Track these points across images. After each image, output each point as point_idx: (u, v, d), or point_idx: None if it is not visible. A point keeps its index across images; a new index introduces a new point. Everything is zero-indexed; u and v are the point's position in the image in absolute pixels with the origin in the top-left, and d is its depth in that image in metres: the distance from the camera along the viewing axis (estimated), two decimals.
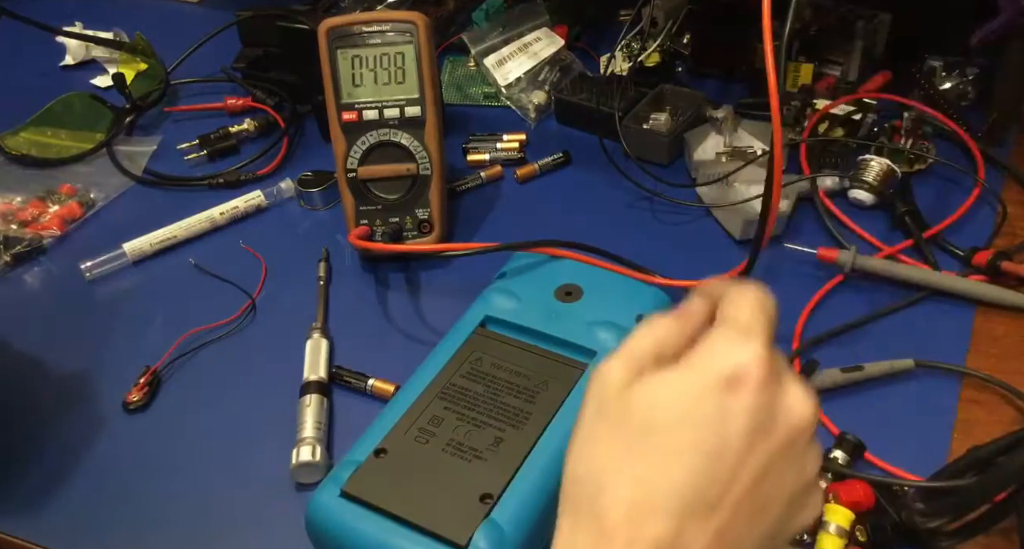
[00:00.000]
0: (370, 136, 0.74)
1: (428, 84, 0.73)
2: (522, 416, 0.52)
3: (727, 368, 0.34)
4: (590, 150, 0.84)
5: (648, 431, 0.34)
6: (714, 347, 0.36)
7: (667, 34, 0.87)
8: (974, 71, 0.84)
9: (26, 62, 1.07)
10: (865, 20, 0.87)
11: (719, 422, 0.34)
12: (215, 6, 1.13)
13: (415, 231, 0.75)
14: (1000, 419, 0.60)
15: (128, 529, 0.58)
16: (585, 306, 0.59)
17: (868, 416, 0.60)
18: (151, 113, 0.96)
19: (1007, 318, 0.66)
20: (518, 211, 0.80)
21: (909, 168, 0.78)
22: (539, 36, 0.92)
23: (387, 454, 0.51)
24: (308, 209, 0.83)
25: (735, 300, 0.38)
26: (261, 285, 0.74)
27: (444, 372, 0.55)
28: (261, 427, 0.63)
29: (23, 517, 0.59)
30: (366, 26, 0.73)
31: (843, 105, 0.82)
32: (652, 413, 0.34)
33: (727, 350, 0.35)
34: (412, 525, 0.47)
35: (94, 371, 0.68)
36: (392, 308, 0.72)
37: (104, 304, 0.75)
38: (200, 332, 0.70)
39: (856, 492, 0.52)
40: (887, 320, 0.67)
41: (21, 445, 0.63)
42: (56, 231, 0.81)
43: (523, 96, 0.91)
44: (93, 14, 1.10)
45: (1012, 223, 0.74)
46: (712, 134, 0.81)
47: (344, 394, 0.65)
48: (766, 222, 0.57)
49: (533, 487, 0.48)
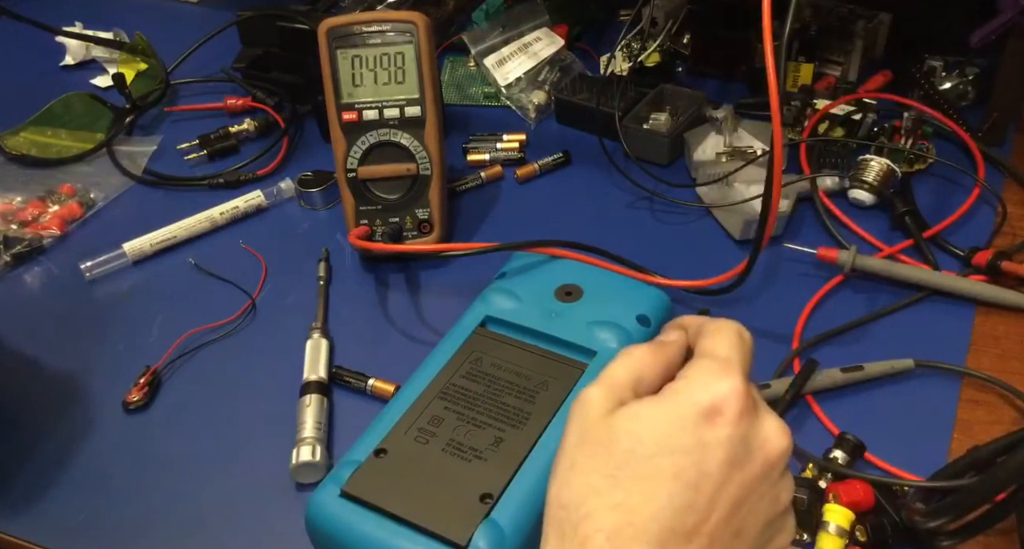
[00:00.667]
0: (370, 136, 0.74)
1: (428, 84, 0.73)
2: (522, 416, 0.52)
3: (706, 400, 0.36)
4: (590, 150, 0.84)
5: (629, 459, 0.35)
6: (694, 379, 0.37)
7: (667, 34, 0.87)
8: (974, 71, 0.84)
9: (26, 62, 1.07)
10: (865, 20, 0.87)
11: (698, 452, 0.35)
12: (215, 6, 1.13)
13: (415, 231, 0.75)
14: (1000, 419, 0.60)
15: (127, 529, 0.57)
16: (585, 306, 0.59)
17: (868, 416, 0.60)
18: (151, 113, 0.96)
19: (1007, 318, 0.66)
20: (518, 211, 0.81)
21: (909, 168, 0.78)
22: (539, 36, 0.92)
23: (387, 454, 0.51)
24: (308, 209, 0.83)
25: (712, 334, 0.40)
26: (261, 285, 0.74)
27: (444, 372, 0.55)
28: (261, 427, 0.63)
29: (23, 517, 0.59)
30: (366, 26, 0.73)
31: (843, 105, 0.82)
32: (633, 441, 0.36)
33: (706, 382, 0.37)
34: (412, 525, 0.47)
35: (94, 371, 0.68)
36: (392, 308, 0.72)
37: (104, 304, 0.75)
38: (200, 332, 0.70)
39: (856, 492, 0.52)
40: (887, 320, 0.67)
41: (21, 445, 0.63)
42: (56, 231, 0.81)
43: (523, 96, 0.91)
44: (93, 14, 1.10)
45: (1012, 223, 0.74)
46: (712, 134, 0.81)
47: (344, 394, 0.65)
48: (766, 222, 0.57)
49: (533, 487, 0.48)
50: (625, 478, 0.35)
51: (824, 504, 0.53)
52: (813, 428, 0.59)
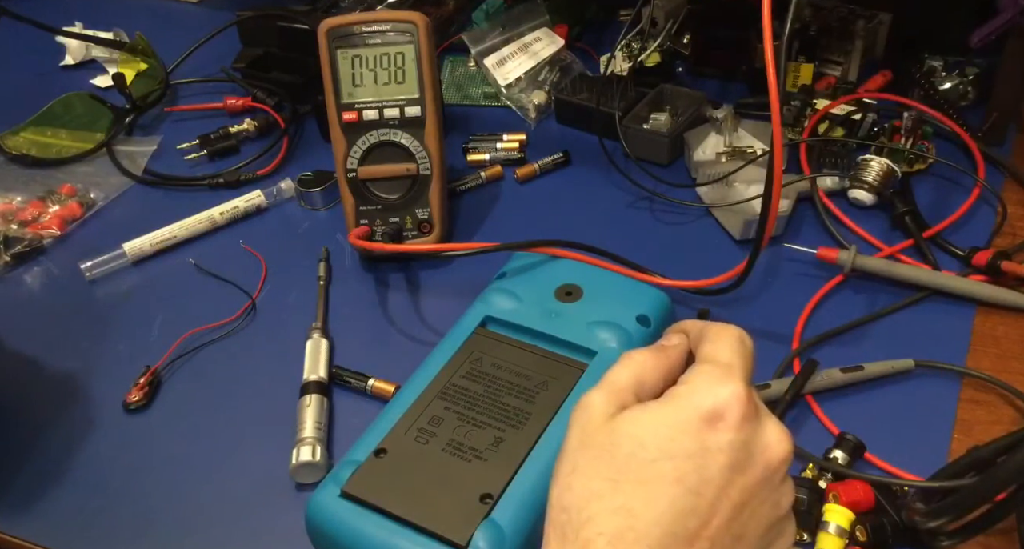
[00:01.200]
0: (370, 136, 0.74)
1: (428, 84, 0.73)
2: (522, 416, 0.52)
3: (708, 404, 0.36)
4: (590, 150, 0.84)
5: (631, 463, 0.35)
6: (696, 384, 0.37)
7: (667, 34, 0.87)
8: (974, 71, 0.84)
9: (26, 62, 1.07)
10: (865, 20, 0.87)
11: (700, 457, 0.35)
12: (215, 6, 1.14)
13: (415, 231, 0.75)
14: (1000, 419, 0.60)
15: (127, 529, 0.57)
16: (585, 306, 0.59)
17: (868, 416, 0.60)
18: (151, 113, 0.96)
19: (1007, 318, 0.66)
20: (518, 211, 0.80)
21: (909, 168, 0.78)
22: (539, 36, 0.92)
23: (387, 454, 0.51)
24: (308, 209, 0.83)
25: (714, 339, 0.40)
26: (261, 285, 0.74)
27: (444, 372, 0.55)
28: (261, 427, 0.63)
29: (23, 516, 0.59)
30: (366, 26, 0.73)
31: (843, 105, 0.82)
32: (635, 445, 0.36)
33: (708, 387, 0.37)
34: (412, 525, 0.47)
35: (94, 371, 0.68)
36: (392, 308, 0.72)
37: (104, 304, 0.75)
38: (200, 332, 0.70)
39: (856, 492, 0.52)
40: (887, 320, 0.67)
41: (21, 445, 0.63)
42: (56, 231, 0.81)
43: (523, 96, 0.91)
44: (93, 14, 1.10)
45: (1012, 223, 0.74)
46: (712, 134, 0.81)
47: (344, 394, 0.65)
48: (766, 222, 0.57)
49: (533, 487, 0.48)
50: (627, 482, 0.35)
51: (824, 504, 0.53)
52: (813, 428, 0.59)
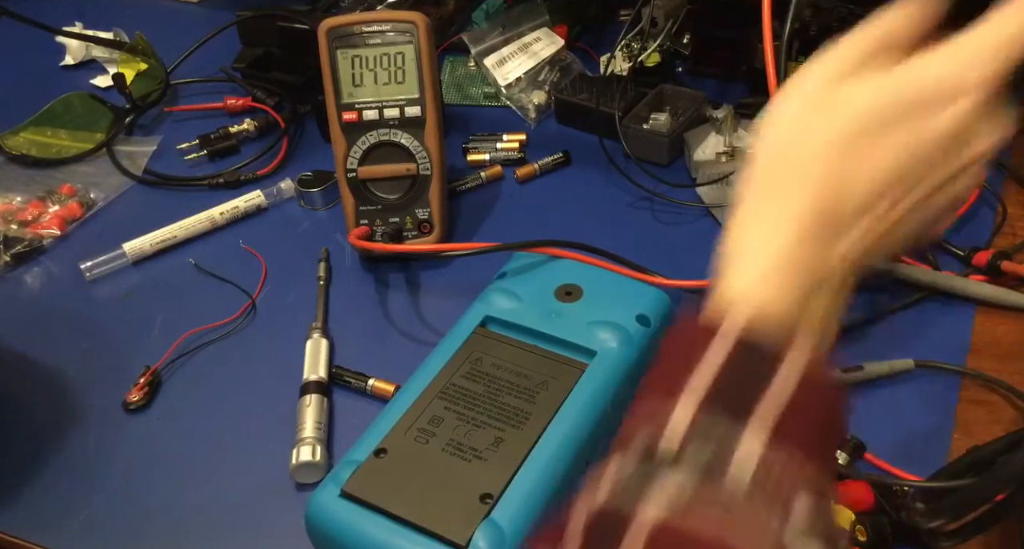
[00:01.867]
0: (370, 136, 0.74)
1: (428, 84, 0.73)
2: (522, 416, 0.52)
3: (944, 82, 0.37)
4: (590, 150, 0.84)
5: (856, 124, 0.36)
6: (931, 62, 0.38)
7: (667, 34, 0.87)
8: None
9: (26, 62, 1.07)
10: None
11: (920, 133, 0.35)
12: (215, 6, 1.13)
13: (415, 231, 0.75)
14: (1000, 419, 0.60)
15: (127, 529, 0.57)
16: (585, 306, 0.59)
17: (868, 416, 0.60)
18: (151, 113, 0.96)
19: (1007, 318, 0.66)
20: (518, 211, 0.80)
21: None
22: (539, 36, 0.92)
23: (387, 454, 0.51)
24: (308, 209, 0.83)
25: None
26: (261, 285, 0.74)
27: (444, 372, 0.55)
28: (261, 427, 0.63)
29: (22, 516, 0.59)
30: (366, 26, 0.73)
31: None
32: (861, 108, 0.36)
33: (949, 68, 0.37)
34: (412, 525, 0.47)
35: (94, 371, 0.68)
36: (392, 308, 0.72)
37: (104, 304, 0.75)
38: (200, 332, 0.70)
39: (856, 492, 0.52)
40: (887, 320, 0.67)
41: (20, 445, 0.63)
42: (56, 231, 0.81)
43: (523, 96, 0.91)
44: (93, 14, 1.10)
45: (1012, 223, 0.74)
46: (712, 134, 0.81)
47: (344, 394, 0.65)
48: None
49: (533, 487, 0.48)
50: (847, 144, 0.36)
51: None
52: None
